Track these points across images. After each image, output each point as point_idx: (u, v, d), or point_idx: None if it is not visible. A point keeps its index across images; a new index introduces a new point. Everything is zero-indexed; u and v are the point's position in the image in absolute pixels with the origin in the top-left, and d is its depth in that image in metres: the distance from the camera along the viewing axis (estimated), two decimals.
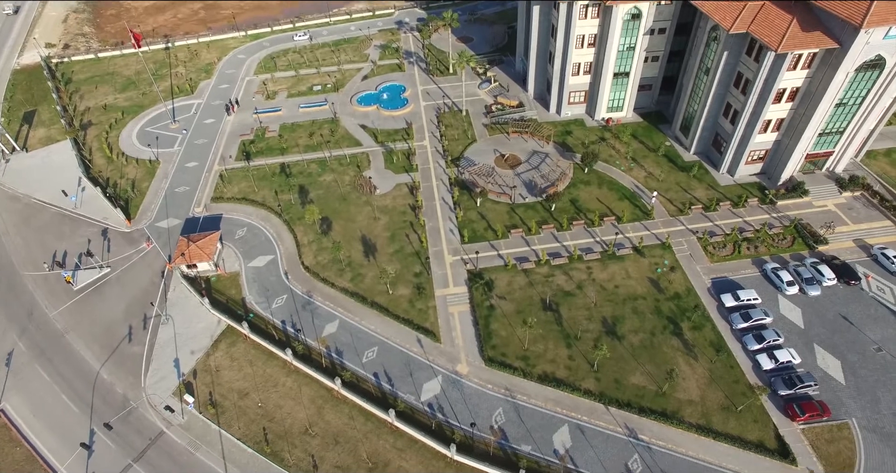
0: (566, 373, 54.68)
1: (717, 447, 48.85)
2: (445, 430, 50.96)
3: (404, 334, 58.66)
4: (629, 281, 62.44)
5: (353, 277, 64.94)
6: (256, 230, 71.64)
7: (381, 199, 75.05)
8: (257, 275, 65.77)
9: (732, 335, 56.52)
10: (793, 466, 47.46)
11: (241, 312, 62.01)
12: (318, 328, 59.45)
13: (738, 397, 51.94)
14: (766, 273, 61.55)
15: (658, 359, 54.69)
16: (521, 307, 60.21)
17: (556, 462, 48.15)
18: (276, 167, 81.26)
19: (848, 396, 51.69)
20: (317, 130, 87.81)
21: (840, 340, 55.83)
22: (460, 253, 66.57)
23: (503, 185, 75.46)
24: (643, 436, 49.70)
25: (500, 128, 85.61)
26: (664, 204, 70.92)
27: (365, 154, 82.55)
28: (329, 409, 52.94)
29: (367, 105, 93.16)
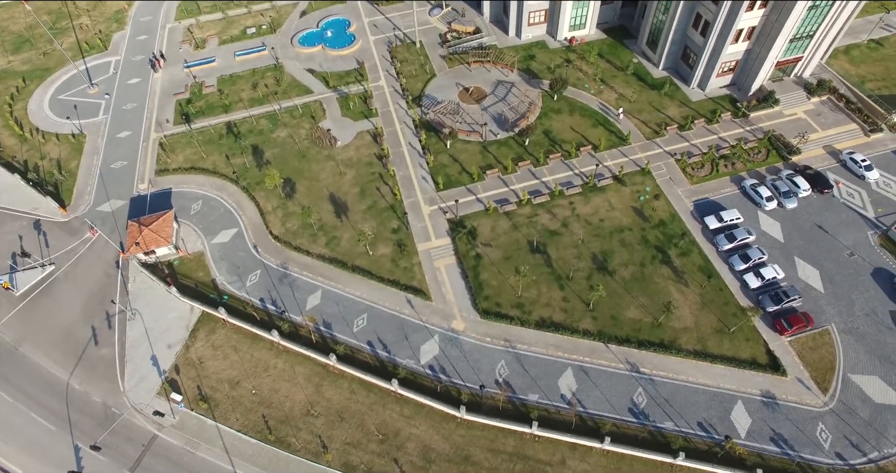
0: (563, 316, 47.71)
1: (713, 369, 44.23)
2: (451, 391, 44.11)
3: (392, 296, 49.47)
4: (613, 212, 53.89)
5: (328, 242, 53.52)
6: (213, 202, 57.33)
7: (344, 152, 61.08)
8: (224, 252, 53.31)
9: (719, 257, 50.10)
10: (783, 377, 43.53)
11: (215, 295, 50.43)
12: (300, 301, 49.35)
13: (730, 318, 46.63)
14: (745, 190, 54.07)
15: (651, 291, 48.24)
16: (509, 252, 51.45)
17: (565, 406, 42.44)
18: (221, 128, 64.27)
19: (827, 303, 47.21)
20: (260, 80, 69.61)
21: (817, 249, 50.39)
22: (437, 203, 55.59)
23: (472, 123, 62.66)
24: (644, 369, 44.34)
25: (460, 58, 70.28)
26: (639, 127, 60.26)
27: (318, 102, 66.39)
28: (328, 386, 44.81)
29: (311, 45, 74.31)
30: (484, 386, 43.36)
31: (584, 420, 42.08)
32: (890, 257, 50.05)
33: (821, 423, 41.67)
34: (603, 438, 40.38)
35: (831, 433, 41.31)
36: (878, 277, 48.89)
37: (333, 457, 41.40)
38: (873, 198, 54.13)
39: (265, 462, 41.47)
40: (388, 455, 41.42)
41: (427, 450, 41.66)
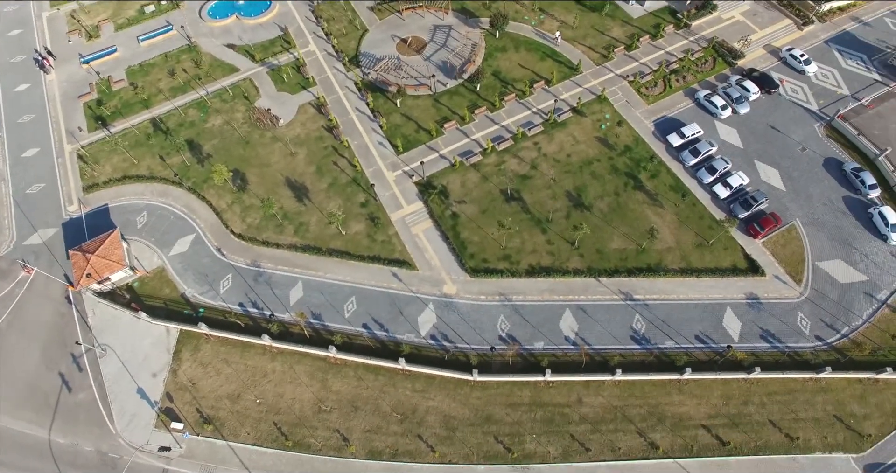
0: (551, 260, 40.69)
1: (700, 283, 39.23)
2: (459, 356, 37.28)
3: (377, 273, 40.72)
4: (579, 146, 45.59)
5: (296, 229, 43.04)
6: (159, 210, 44.64)
7: (289, 130, 48.32)
8: (186, 262, 42.12)
9: (687, 173, 43.55)
10: (762, 277, 39.08)
11: (189, 311, 40.02)
12: (282, 298, 39.86)
13: (707, 232, 41.00)
14: (699, 102, 46.63)
15: (629, 218, 41.79)
16: (484, 205, 42.99)
17: (571, 347, 36.52)
18: (146, 126, 49.21)
19: (789, 200, 42.24)
20: (175, 65, 53.22)
21: (773, 150, 44.73)
22: (401, 167, 45.45)
23: (418, 76, 50.57)
24: (638, 296, 38.79)
25: (389, 7, 55.77)
26: (588, 54, 50.21)
27: (247, 80, 51.56)
28: (333, 378, 36.88)
29: (224, 16, 56.92)
30: (494, 347, 36.96)
31: (593, 357, 36.94)
32: (836, 146, 45.04)
33: (800, 312, 38.17)
34: (613, 370, 35.47)
35: (809, 319, 37.95)
36: (829, 167, 44.01)
37: (357, 448, 34.69)
38: (815, 91, 47.93)
39: (289, 470, 34.39)
40: (410, 433, 35.17)
41: (448, 419, 35.58)
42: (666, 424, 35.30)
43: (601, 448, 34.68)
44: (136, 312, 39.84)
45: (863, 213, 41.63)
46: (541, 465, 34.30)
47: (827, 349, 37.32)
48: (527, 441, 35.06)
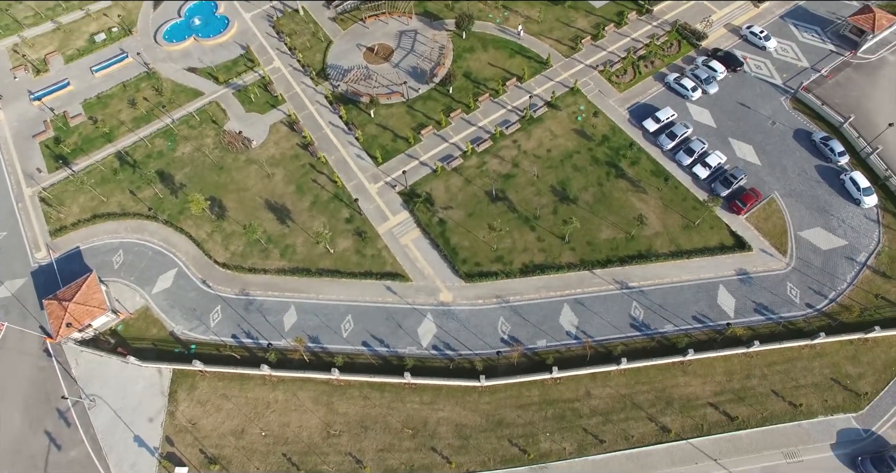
0: (543, 257, 41.20)
1: (690, 264, 40.34)
2: (464, 363, 37.48)
3: (370, 288, 40.47)
4: (558, 140, 46.26)
5: (282, 252, 42.41)
6: (136, 247, 43.32)
7: (263, 151, 47.48)
8: (171, 299, 41.04)
9: (666, 157, 44.80)
10: (749, 252, 40.47)
11: (180, 349, 39.05)
12: (276, 325, 39.23)
13: (692, 213, 42.22)
14: (669, 85, 47.97)
15: (615, 207, 42.65)
16: (470, 208, 43.21)
17: (574, 342, 37.10)
18: (112, 161, 47.68)
19: (766, 174, 43.89)
20: (135, 94, 51.63)
21: (745, 126, 46.32)
22: (382, 178, 45.30)
23: (389, 84, 50.35)
24: (633, 283, 39.74)
25: (352, 16, 55.53)
26: (556, 47, 50.90)
27: (213, 103, 50.58)
28: (338, 401, 36.57)
29: (181, 40, 55.54)
30: (500, 351, 37.15)
31: (596, 349, 37.55)
32: (803, 117, 46.88)
33: (788, 282, 39.78)
34: (618, 360, 36.28)
35: (798, 288, 39.53)
36: (799, 138, 45.82)
37: (372, 469, 34.52)
38: (777, 66, 49.85)
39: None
40: (424, 447, 35.18)
41: (460, 428, 35.73)
42: (674, 406, 36.27)
43: (615, 438, 35.42)
44: (123, 357, 38.66)
45: (835, 180, 43.55)
46: (558, 462, 34.77)
47: (818, 315, 38.91)
48: (541, 441, 35.53)
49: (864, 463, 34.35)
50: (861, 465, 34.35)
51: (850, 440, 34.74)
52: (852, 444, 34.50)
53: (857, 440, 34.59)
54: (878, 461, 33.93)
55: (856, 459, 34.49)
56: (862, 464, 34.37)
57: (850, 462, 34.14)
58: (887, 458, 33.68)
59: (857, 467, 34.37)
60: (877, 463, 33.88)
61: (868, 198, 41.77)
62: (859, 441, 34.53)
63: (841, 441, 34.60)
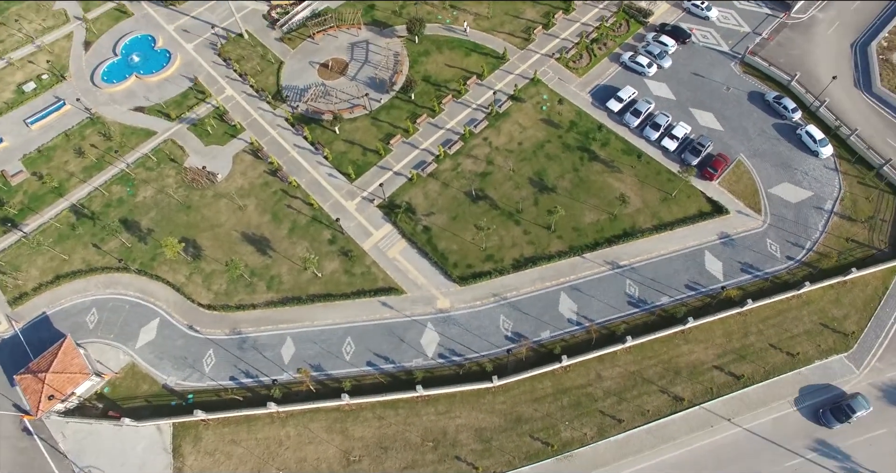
0: (532, 249, 42.18)
1: (675, 235, 42.18)
2: (472, 367, 38.01)
3: (366, 306, 40.59)
4: (527, 131, 47.44)
5: (268, 284, 41.88)
6: (110, 303, 41.89)
7: (230, 183, 46.62)
8: (158, 350, 39.94)
9: (634, 134, 46.65)
10: (727, 215, 42.69)
11: (177, 401, 38.09)
12: (274, 359, 38.66)
13: (667, 185, 44.21)
14: (625, 64, 50.00)
15: (594, 190, 44.12)
16: (452, 212, 43.80)
17: (577, 328, 38.16)
18: (67, 216, 45.72)
19: (730, 138, 46.40)
20: (81, 143, 49.71)
21: (703, 95, 48.73)
22: (358, 194, 45.29)
23: (350, 98, 50.22)
24: (623, 262, 41.30)
25: (299, 34, 55.14)
26: (509, 40, 51.91)
27: (169, 141, 49.20)
28: (353, 426, 36.52)
29: (121, 79, 53.51)
30: (510, 350, 37.78)
31: (600, 331, 38.62)
32: (754, 79, 49.67)
33: (767, 239, 42.20)
34: (623, 339, 37.64)
35: (777, 243, 42.05)
36: (754, 99, 48.61)
37: None
38: (722, 34, 52.51)
39: None
40: (448, 457, 35.60)
41: (480, 432, 36.31)
42: (683, 375, 37.92)
43: (632, 415, 36.73)
44: (117, 420, 37.35)
45: (793, 136, 46.41)
46: (582, 449, 35.80)
47: (799, 266, 41.47)
48: (562, 430, 36.50)
49: (825, 415, 36.37)
50: (823, 417, 36.37)
51: (845, 378, 37.12)
52: (844, 375, 36.96)
53: (849, 375, 36.96)
54: (837, 410, 36.08)
55: (817, 412, 36.51)
56: (823, 416, 36.40)
57: (812, 415, 36.02)
58: (844, 407, 35.99)
59: (819, 419, 36.26)
60: (836, 413, 36.03)
61: (824, 149, 44.78)
62: (848, 375, 36.89)
63: (840, 381, 36.94)
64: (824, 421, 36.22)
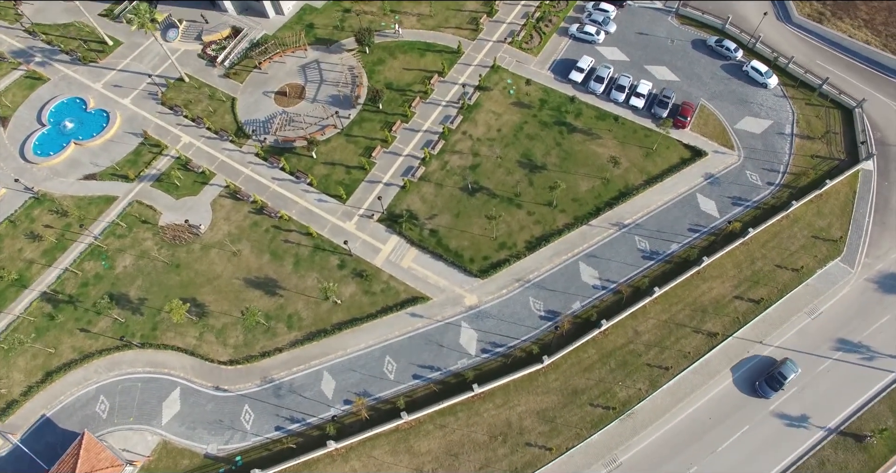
0: (541, 228, 45.24)
1: (665, 185, 46.81)
2: (518, 353, 40.21)
3: (395, 322, 41.97)
4: (502, 117, 50.58)
5: (288, 324, 42.21)
6: (118, 386, 40.52)
7: (215, 232, 46.42)
8: (188, 421, 39.20)
9: (602, 100, 50.91)
10: (706, 157, 47.79)
11: (224, 467, 37.42)
12: (317, 397, 39.02)
13: (646, 140, 48.77)
14: (575, 36, 54.55)
15: (580, 159, 47.91)
16: (454, 209, 46.05)
17: (604, 292, 41.40)
18: (39, 306, 43.56)
19: (687, 86, 51.86)
20: (32, 226, 47.40)
21: (652, 51, 54.18)
22: (355, 213, 46.42)
23: (318, 119, 51.08)
24: (627, 221, 45.32)
25: (244, 67, 55.09)
26: (459, 34, 54.77)
27: (134, 203, 47.99)
28: (417, 441, 37.79)
29: (58, 150, 51.57)
30: (557, 326, 40.53)
31: (626, 291, 42.00)
32: (692, 29, 55.66)
33: (747, 171, 47.62)
34: (650, 291, 41.48)
35: (756, 172, 47.51)
36: (697, 47, 54.46)
37: None
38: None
39: None
40: (519, 446, 37.75)
41: (543, 414, 38.81)
42: (709, 312, 42.21)
43: (676, 360, 40.39)
44: None
45: (741, 73, 52.50)
46: (640, 404, 39.01)
47: (780, 189, 47.15)
48: (617, 392, 39.65)
49: (762, 386, 38.95)
50: (759, 389, 38.92)
51: (844, 279, 42.64)
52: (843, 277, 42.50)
53: (847, 276, 42.74)
54: (771, 380, 38.84)
55: (753, 384, 39.08)
56: (760, 388, 38.97)
57: (749, 387, 38.63)
58: (776, 374, 38.77)
59: (755, 391, 38.79)
60: (770, 383, 38.80)
61: (770, 80, 51.28)
62: (847, 276, 42.64)
63: (842, 282, 42.24)
64: (761, 393, 38.68)
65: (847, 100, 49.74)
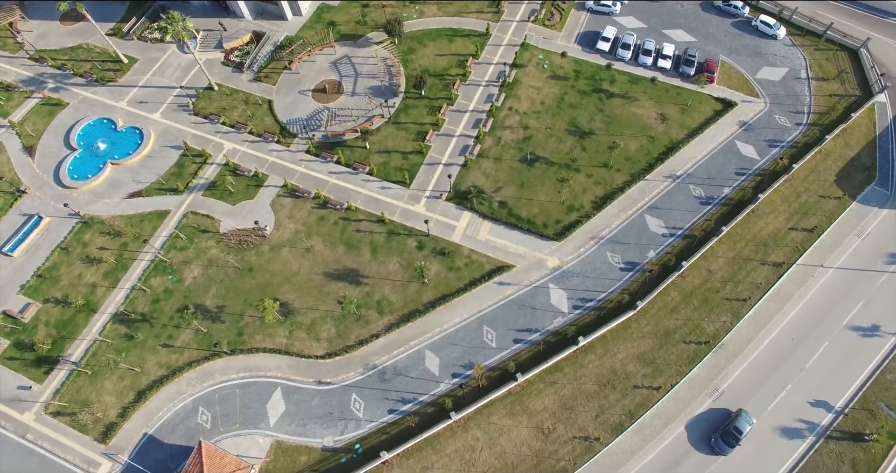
0: (602, 188, 50.61)
1: (706, 136, 53.02)
2: (607, 306, 44.53)
3: (485, 293, 45.81)
4: (543, 91, 56.10)
5: (379, 310, 45.20)
6: (215, 395, 42.41)
7: (282, 231, 49.18)
8: (297, 418, 41.56)
9: (631, 65, 57.21)
10: (736, 106, 54.28)
11: (345, 457, 39.99)
12: (423, 375, 42.01)
13: (680, 98, 55.12)
14: (592, 9, 61.30)
15: (623, 122, 53.71)
16: (517, 180, 50.79)
17: (674, 239, 46.60)
18: (113, 328, 44.91)
19: (705, 44, 58.99)
20: (86, 250, 48.59)
21: (666, 17, 60.90)
22: (422, 196, 50.40)
23: (364, 112, 54.29)
24: (679, 172, 51.16)
25: (273, 69, 58.46)
26: (483, 18, 59.99)
27: (189, 214, 50.34)
28: (531, 401, 41.26)
29: (95, 173, 52.98)
30: (651, 269, 45.54)
31: (695, 234, 47.96)
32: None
33: (774, 115, 54.79)
34: (717, 231, 47.19)
35: (782, 115, 54.75)
36: (706, 8, 62.12)
37: (601, 436, 40.19)
38: None
39: None
40: (628, 390, 41.99)
41: (643, 357, 43.46)
42: (770, 245, 48.52)
43: (751, 291, 46.09)
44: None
45: (751, 28, 60.16)
46: (728, 335, 44.29)
47: (808, 127, 54.42)
48: (706, 327, 45.01)
49: (717, 442, 40.26)
50: (715, 445, 40.22)
51: (879, 200, 49.38)
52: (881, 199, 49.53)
53: (884, 197, 49.65)
54: (726, 435, 40.21)
55: (710, 440, 40.46)
56: (716, 444, 40.29)
57: (706, 444, 39.92)
58: (731, 430, 40.11)
59: (712, 448, 40.08)
60: (726, 439, 40.14)
61: (779, 31, 59.31)
62: (884, 197, 49.72)
63: (881, 203, 49.00)
64: (718, 450, 39.86)
65: (851, 42, 58.07)
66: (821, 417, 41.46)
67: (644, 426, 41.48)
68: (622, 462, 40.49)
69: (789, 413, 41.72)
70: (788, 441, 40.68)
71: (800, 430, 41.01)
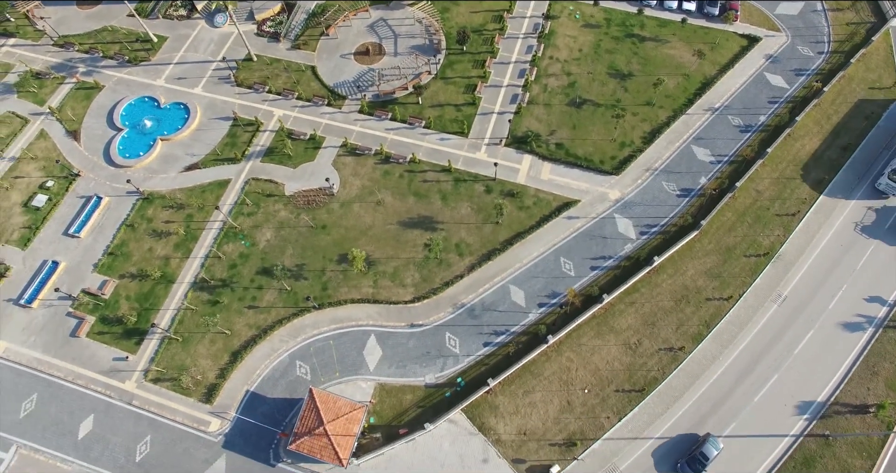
0: (649, 125, 55.59)
1: (738, 69, 58.53)
2: (671, 228, 48.95)
3: (556, 228, 49.98)
4: (578, 39, 60.92)
5: (459, 252, 49.06)
6: (310, 347, 45.68)
7: (349, 188, 52.44)
8: (396, 361, 45.42)
9: (657, 10, 62.16)
10: (761, 41, 60.29)
11: (449, 392, 44.04)
12: (512, 308, 46.35)
13: (706, 36, 60.69)
14: None
15: (658, 63, 58.57)
16: (568, 122, 55.13)
17: (722, 163, 51.29)
18: (194, 295, 47.56)
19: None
20: (151, 224, 50.82)
21: None
22: (481, 145, 54.25)
23: (414, 69, 57.87)
24: (717, 104, 56.68)
25: (311, 35, 61.14)
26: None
27: (250, 180, 52.73)
28: (615, 321, 45.82)
29: (146, 150, 55.11)
30: (712, 190, 50.16)
31: (738, 161, 53.13)
32: None
33: (797, 46, 60.84)
34: (762, 154, 52.77)
35: (805, 45, 60.97)
36: None
37: (684, 345, 45.39)
38: None
39: None
40: (702, 302, 47.08)
41: (710, 272, 48.62)
42: (810, 164, 53.05)
43: (797, 206, 51.02)
44: (406, 435, 42.83)
45: None
46: (783, 247, 49.50)
47: (830, 55, 60.52)
48: (762, 241, 50.55)
49: (683, 467, 42.12)
50: (681, 470, 42.11)
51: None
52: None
53: None
54: (692, 461, 42.03)
55: (675, 465, 42.43)
56: (681, 469, 42.18)
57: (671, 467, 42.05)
58: (697, 456, 41.86)
59: (676, 470, 42.23)
60: (692, 464, 41.92)
61: None
62: None
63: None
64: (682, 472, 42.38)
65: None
66: (876, 311, 47.67)
67: (721, 332, 47.03)
68: (706, 366, 45.97)
69: (848, 309, 47.80)
70: (851, 333, 46.84)
71: (860, 324, 47.30)
